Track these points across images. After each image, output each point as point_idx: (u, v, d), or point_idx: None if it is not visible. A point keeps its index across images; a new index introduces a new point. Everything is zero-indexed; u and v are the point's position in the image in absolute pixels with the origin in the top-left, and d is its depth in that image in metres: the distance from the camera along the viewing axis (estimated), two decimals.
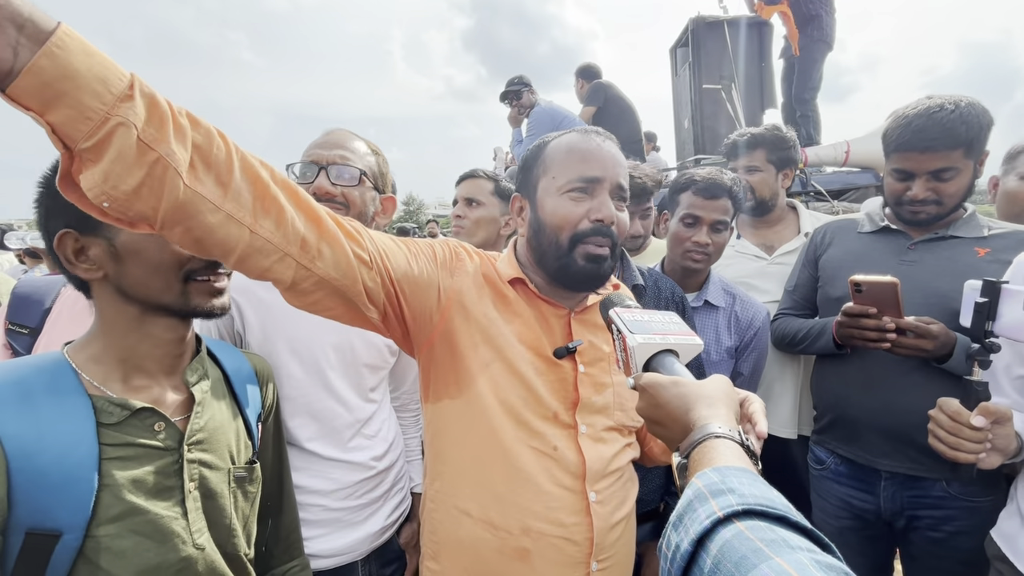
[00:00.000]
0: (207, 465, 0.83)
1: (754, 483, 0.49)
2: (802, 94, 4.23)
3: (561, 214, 0.93)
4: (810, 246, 1.68)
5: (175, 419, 0.81)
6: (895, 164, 1.38)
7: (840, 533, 1.52)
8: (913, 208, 1.38)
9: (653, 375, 0.68)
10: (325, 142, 1.20)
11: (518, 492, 0.90)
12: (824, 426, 1.57)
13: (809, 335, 1.55)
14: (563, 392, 0.95)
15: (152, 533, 0.74)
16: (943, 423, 1.10)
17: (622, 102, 4.29)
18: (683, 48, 4.81)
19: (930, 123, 1.29)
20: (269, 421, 1.02)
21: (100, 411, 0.74)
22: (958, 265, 1.34)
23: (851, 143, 3.63)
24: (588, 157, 0.94)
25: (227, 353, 0.98)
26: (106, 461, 0.72)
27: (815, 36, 4.14)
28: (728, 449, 0.56)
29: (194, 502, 0.80)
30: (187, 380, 0.85)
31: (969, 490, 1.32)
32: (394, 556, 1.33)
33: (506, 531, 0.90)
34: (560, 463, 0.91)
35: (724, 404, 0.63)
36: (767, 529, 0.44)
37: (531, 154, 1.02)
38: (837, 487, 1.51)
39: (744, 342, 1.63)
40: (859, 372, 1.45)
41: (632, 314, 0.77)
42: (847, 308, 1.35)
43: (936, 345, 1.25)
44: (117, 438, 0.74)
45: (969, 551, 1.32)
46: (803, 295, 1.67)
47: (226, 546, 0.84)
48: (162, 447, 0.78)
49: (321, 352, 1.19)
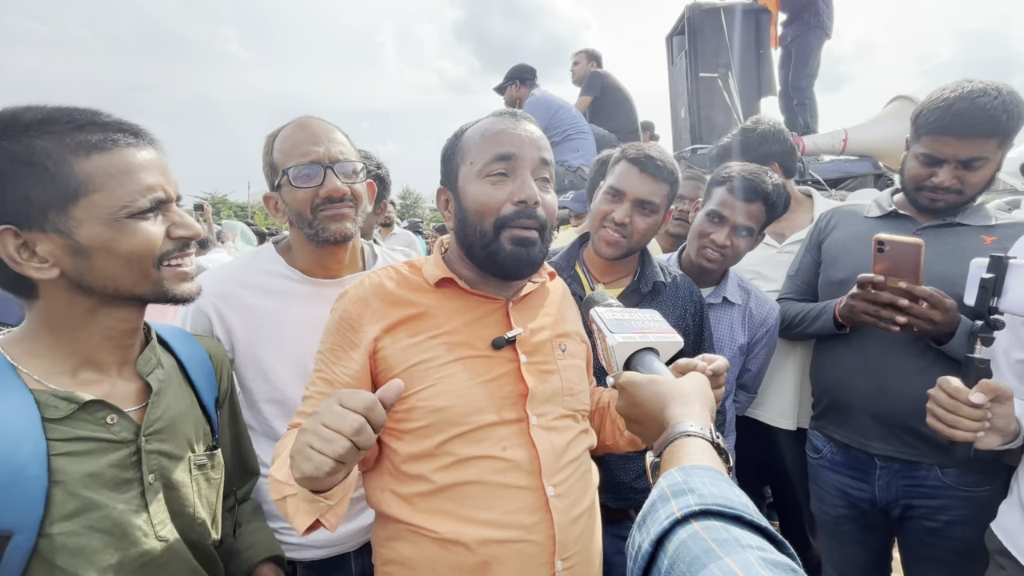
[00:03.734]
0: (166, 455, 0.80)
1: (716, 482, 0.51)
2: (799, 82, 4.20)
3: (482, 200, 0.90)
4: (814, 230, 1.65)
5: (130, 410, 0.78)
6: (926, 148, 1.31)
7: (837, 522, 1.52)
8: (934, 195, 1.34)
9: (631, 374, 0.69)
10: (313, 137, 1.13)
11: (471, 505, 0.87)
12: (821, 411, 1.56)
13: (807, 316, 1.53)
14: (507, 387, 0.92)
15: (111, 528, 0.72)
16: (942, 400, 1.07)
17: (619, 92, 4.25)
18: (679, 36, 4.76)
19: (973, 108, 1.22)
20: (226, 405, 1.00)
21: (44, 405, 0.70)
22: (964, 252, 1.32)
23: (849, 131, 3.61)
24: (502, 138, 0.91)
25: (179, 339, 0.94)
26: (55, 457, 0.68)
27: (811, 23, 4.10)
28: (698, 447, 0.57)
29: (155, 493, 0.77)
30: (141, 370, 0.82)
31: (965, 479, 1.31)
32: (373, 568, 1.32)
33: (463, 546, 0.86)
34: (511, 462, 0.88)
35: (699, 402, 0.64)
36: (721, 529, 0.45)
37: (449, 144, 0.99)
38: (833, 476, 1.51)
39: (756, 339, 1.61)
40: (855, 356, 1.43)
41: (613, 313, 0.77)
42: (862, 277, 1.28)
43: (945, 319, 1.22)
44: (66, 432, 0.70)
45: (965, 541, 1.32)
46: (804, 279, 1.64)
47: (191, 535, 0.82)
48: (117, 440, 0.75)
49: (309, 354, 1.16)
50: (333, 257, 1.21)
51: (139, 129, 0.76)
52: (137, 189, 0.72)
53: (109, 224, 0.70)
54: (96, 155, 0.70)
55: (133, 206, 0.72)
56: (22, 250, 0.69)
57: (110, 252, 0.71)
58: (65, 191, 0.68)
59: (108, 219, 0.70)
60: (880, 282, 1.25)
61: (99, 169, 0.70)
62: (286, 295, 1.18)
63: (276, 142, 1.15)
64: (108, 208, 0.70)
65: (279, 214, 1.18)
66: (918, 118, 1.33)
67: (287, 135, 1.15)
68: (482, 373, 0.91)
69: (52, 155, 0.67)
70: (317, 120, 1.17)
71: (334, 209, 1.12)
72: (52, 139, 0.68)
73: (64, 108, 0.71)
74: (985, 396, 1.03)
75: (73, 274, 0.71)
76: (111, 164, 0.71)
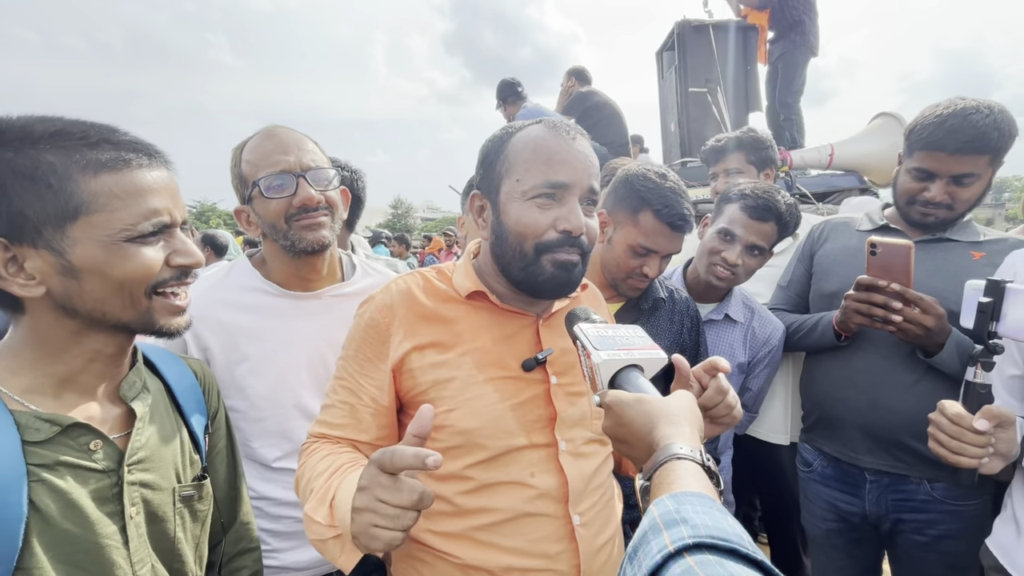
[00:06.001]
0: (149, 486, 0.75)
1: (709, 511, 0.49)
2: (786, 98, 4.27)
3: (525, 222, 0.85)
4: (806, 242, 1.66)
5: (113, 436, 0.73)
6: (918, 163, 1.33)
7: (827, 536, 1.52)
8: (925, 210, 1.36)
9: (618, 392, 0.67)
10: (282, 146, 1.10)
11: (495, 532, 0.85)
12: (811, 424, 1.57)
13: (803, 327, 1.53)
14: (537, 410, 0.89)
15: (88, 564, 0.66)
16: (944, 427, 1.05)
17: (607, 108, 4.28)
18: (669, 52, 4.83)
19: (965, 124, 1.24)
20: (219, 430, 0.95)
21: (24, 427, 0.65)
22: (953, 267, 1.34)
23: (835, 146, 3.67)
24: (555, 159, 0.85)
25: (166, 361, 0.88)
26: (35, 483, 0.63)
27: (797, 41, 4.19)
28: (688, 471, 0.55)
29: (136, 528, 0.72)
30: (124, 395, 0.76)
31: (954, 493, 1.32)
32: (372, 568, 1.29)
33: (486, 572, 0.84)
34: (539, 490, 0.86)
35: (688, 422, 0.63)
36: (716, 564, 0.43)
37: (492, 147, 0.91)
38: (823, 489, 1.50)
39: (757, 358, 1.59)
40: (846, 370, 1.44)
41: (597, 329, 0.76)
42: (860, 280, 1.29)
43: (937, 325, 1.23)
44: (46, 457, 0.65)
45: (955, 555, 1.32)
46: (796, 291, 1.65)
47: (172, 573, 0.77)
48: (99, 468, 0.69)
49: (291, 371, 1.14)
50: (311, 267, 1.18)
51: (153, 149, 0.73)
52: (141, 212, 0.69)
53: (106, 246, 0.67)
54: (105, 174, 0.67)
55: (134, 230, 0.68)
56: (9, 264, 0.65)
57: (103, 275, 0.67)
58: (65, 209, 0.65)
59: (106, 241, 0.67)
60: (879, 285, 1.26)
61: (105, 189, 0.67)
62: (263, 310, 1.15)
63: (244, 153, 1.12)
64: (107, 230, 0.67)
65: (251, 227, 1.15)
66: (911, 133, 1.35)
67: (255, 145, 1.11)
68: (512, 395, 0.88)
69: (58, 171, 0.65)
70: (285, 129, 1.14)
71: (309, 218, 1.10)
72: (61, 154, 0.65)
73: (80, 123, 0.68)
74: (989, 423, 1.02)
75: (60, 294, 0.67)
76: (118, 185, 0.68)
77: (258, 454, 1.12)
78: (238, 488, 0.98)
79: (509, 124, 0.94)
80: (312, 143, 1.16)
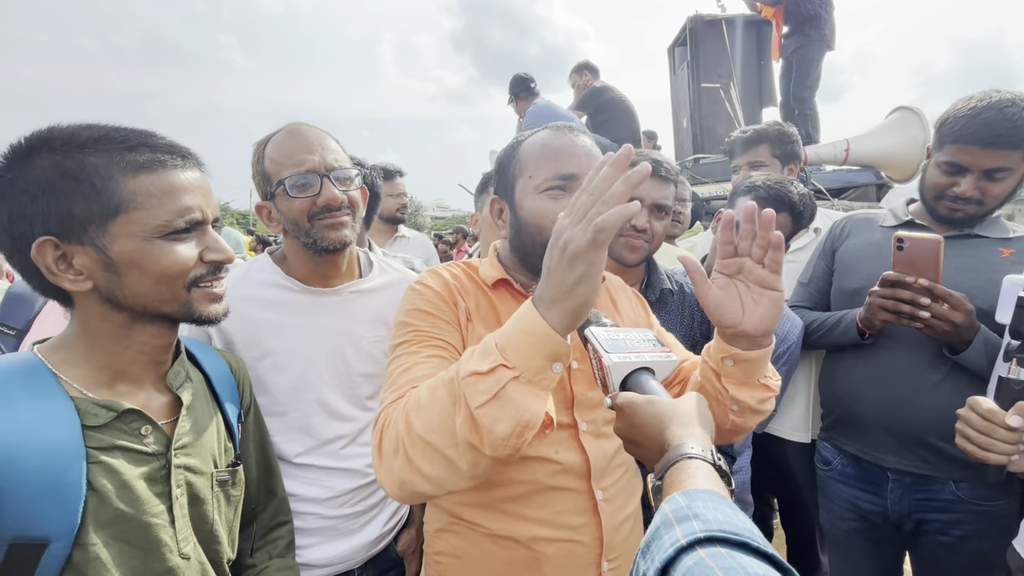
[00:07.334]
0: (192, 470, 0.80)
1: (720, 507, 0.50)
2: (800, 92, 4.22)
3: (540, 213, 0.90)
4: (828, 238, 1.64)
5: (161, 423, 0.78)
6: (949, 156, 1.30)
7: (847, 536, 1.50)
8: (954, 205, 1.33)
9: (629, 394, 0.69)
10: (307, 145, 1.11)
11: (522, 503, 0.89)
12: (831, 423, 1.54)
13: (825, 324, 1.51)
14: (559, 393, 0.92)
15: (139, 541, 0.72)
16: (974, 422, 1.04)
17: (621, 104, 4.26)
18: (681, 47, 4.80)
19: (1000, 117, 1.21)
20: (249, 420, 1.00)
21: (83, 412, 0.70)
22: (982, 263, 1.31)
23: (851, 141, 3.62)
24: (562, 153, 0.91)
25: (206, 354, 0.95)
26: (93, 465, 0.69)
27: (813, 35, 4.14)
28: (700, 470, 0.56)
29: (180, 509, 0.77)
30: (170, 384, 0.82)
31: (979, 493, 1.30)
32: (391, 564, 1.30)
33: (514, 541, 0.88)
34: (563, 465, 0.90)
35: (698, 422, 0.64)
36: (727, 556, 0.44)
37: (505, 155, 0.99)
38: (844, 488, 1.49)
39: (776, 355, 1.57)
40: (869, 367, 1.42)
41: (608, 332, 0.77)
42: (886, 275, 1.27)
43: (965, 321, 1.20)
44: (103, 441, 0.71)
45: (980, 555, 1.30)
46: (818, 288, 1.63)
47: (208, 553, 0.82)
48: (149, 452, 0.75)
49: (312, 367, 1.15)
50: (331, 265, 1.20)
51: (187, 152, 0.78)
52: (175, 209, 0.74)
53: (142, 242, 0.72)
54: (143, 175, 0.72)
55: (168, 226, 0.73)
56: (60, 261, 0.70)
57: (140, 269, 0.72)
58: (107, 207, 0.70)
59: (142, 237, 0.72)
60: (906, 281, 1.23)
61: (143, 188, 0.72)
62: (284, 306, 1.16)
63: (267, 150, 1.13)
64: (144, 226, 0.72)
65: (273, 223, 1.16)
66: (942, 126, 1.32)
67: (279, 143, 1.12)
68: None
69: (101, 172, 0.70)
70: (308, 127, 1.15)
71: (332, 218, 1.11)
72: (104, 156, 0.71)
73: (121, 128, 0.74)
74: (1022, 420, 1.00)
75: (104, 288, 0.73)
76: (154, 184, 0.73)
77: (280, 449, 1.13)
78: (272, 466, 1.04)
79: (519, 134, 1.00)
80: (334, 142, 1.17)
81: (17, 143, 0.70)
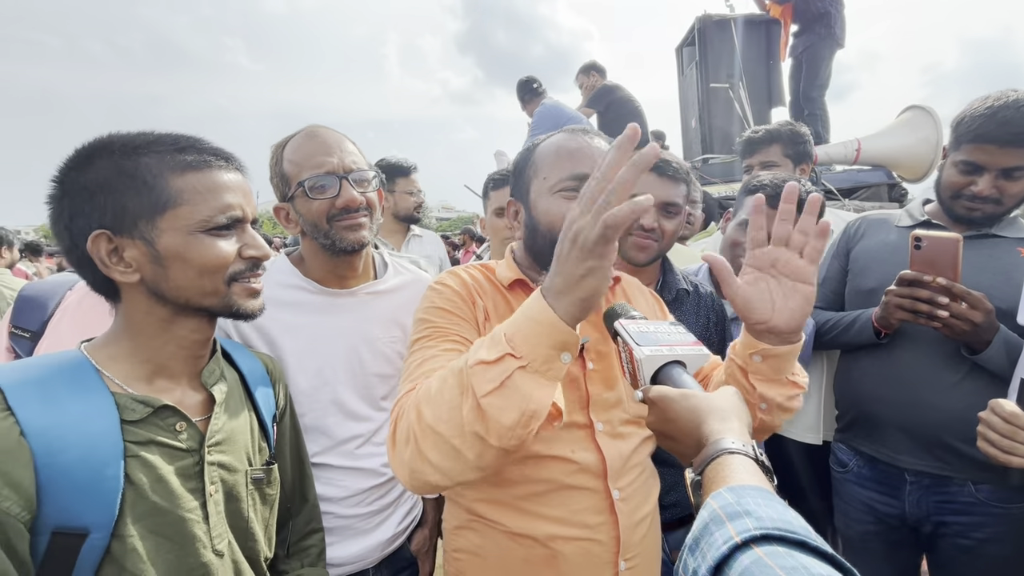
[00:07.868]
0: (226, 467, 0.82)
1: (770, 504, 0.48)
2: (810, 92, 4.19)
3: (554, 212, 0.91)
4: (842, 238, 1.62)
5: (195, 419, 0.81)
6: (966, 155, 1.29)
7: (863, 539, 1.48)
8: (972, 204, 1.32)
9: (662, 388, 0.67)
10: (325, 147, 1.12)
11: (539, 502, 0.89)
12: (847, 424, 1.53)
13: (839, 324, 1.49)
14: (574, 393, 0.93)
15: (174, 535, 0.74)
16: (996, 425, 1.03)
17: (629, 103, 4.26)
18: (689, 47, 4.79)
19: (1018, 116, 1.21)
20: (284, 421, 1.01)
21: (122, 407, 0.73)
22: (1000, 263, 1.30)
23: (862, 141, 3.59)
24: (576, 155, 0.92)
25: (241, 354, 0.98)
26: (130, 459, 0.72)
27: (823, 33, 4.11)
28: (743, 466, 0.54)
29: (215, 506, 0.79)
30: (205, 381, 0.85)
31: (999, 495, 1.28)
32: (405, 563, 1.30)
33: (531, 539, 0.89)
34: (579, 465, 0.90)
35: (736, 417, 0.62)
36: (786, 555, 0.42)
37: (521, 158, 1.01)
38: (860, 491, 1.47)
39: None
40: (886, 367, 1.40)
41: (638, 325, 0.76)
42: (903, 274, 1.25)
43: (985, 321, 1.19)
44: (140, 435, 0.74)
45: (1001, 559, 1.28)
46: (832, 288, 1.61)
47: (244, 550, 0.84)
48: (183, 448, 0.78)
49: (329, 367, 1.16)
50: (348, 266, 1.21)
51: (230, 155, 0.84)
52: (218, 206, 0.78)
53: (186, 236, 0.76)
54: (190, 173, 0.78)
55: (211, 221, 0.78)
56: (112, 254, 0.75)
57: (184, 262, 0.76)
58: (157, 203, 0.75)
59: (186, 231, 0.76)
60: (923, 280, 1.22)
61: (189, 185, 0.77)
62: (301, 307, 1.17)
63: (286, 152, 1.14)
64: (189, 221, 0.76)
65: (291, 225, 1.17)
66: (959, 125, 1.31)
67: (298, 145, 1.14)
68: None
69: (153, 170, 0.75)
70: (327, 129, 1.16)
71: (351, 219, 1.12)
72: (156, 157, 0.76)
73: (172, 134, 0.80)
74: None
75: (151, 281, 0.77)
76: (200, 182, 0.78)
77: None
78: (305, 472, 1.06)
79: (535, 138, 1.01)
80: (351, 144, 1.18)
81: (80, 147, 0.76)
